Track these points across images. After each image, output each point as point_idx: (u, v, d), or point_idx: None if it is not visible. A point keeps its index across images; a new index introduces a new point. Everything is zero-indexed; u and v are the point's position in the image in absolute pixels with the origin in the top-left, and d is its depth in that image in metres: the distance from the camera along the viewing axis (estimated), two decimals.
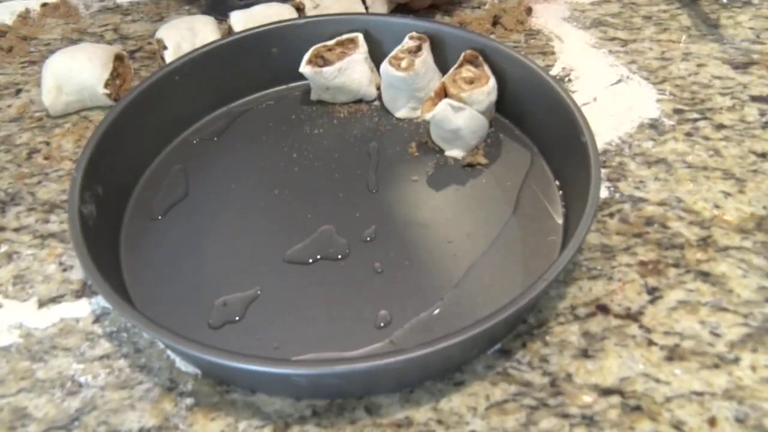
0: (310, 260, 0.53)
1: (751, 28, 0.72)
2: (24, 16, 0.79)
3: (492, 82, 0.59)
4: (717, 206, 0.55)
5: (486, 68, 0.60)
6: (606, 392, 0.45)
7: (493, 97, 0.59)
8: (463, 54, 0.61)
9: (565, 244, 0.51)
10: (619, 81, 0.67)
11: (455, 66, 0.61)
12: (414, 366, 0.43)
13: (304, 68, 0.62)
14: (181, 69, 0.62)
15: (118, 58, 0.69)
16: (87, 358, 0.49)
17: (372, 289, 0.51)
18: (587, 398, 0.44)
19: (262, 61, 0.66)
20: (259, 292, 0.51)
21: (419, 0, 0.74)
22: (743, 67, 0.67)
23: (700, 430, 0.43)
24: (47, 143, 0.65)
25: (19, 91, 0.71)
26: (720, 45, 0.70)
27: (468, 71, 0.60)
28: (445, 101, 0.57)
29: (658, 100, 0.64)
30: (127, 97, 0.59)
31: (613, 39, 0.72)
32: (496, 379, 0.46)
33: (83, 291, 0.53)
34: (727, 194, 0.56)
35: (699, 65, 0.68)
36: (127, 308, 0.44)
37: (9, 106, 0.69)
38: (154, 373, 0.48)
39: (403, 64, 0.60)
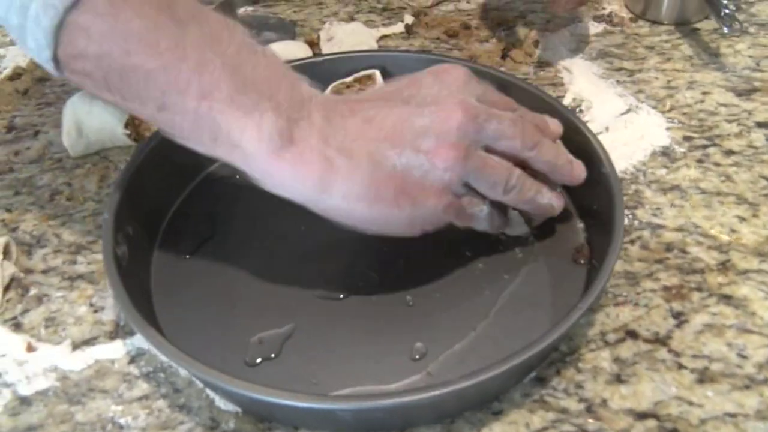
0: (341, 296, 0.54)
1: (750, 56, 0.74)
2: None
3: None
4: (733, 230, 0.57)
5: None
6: (642, 416, 0.46)
7: None
8: None
9: (591, 273, 0.53)
10: (629, 110, 0.69)
11: None
12: (456, 397, 0.44)
13: None
14: None
15: None
16: (125, 399, 0.49)
17: (405, 321, 0.52)
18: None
19: None
20: (293, 329, 0.52)
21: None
22: (746, 94, 0.70)
23: None
24: (69, 184, 0.65)
25: (37, 133, 0.71)
26: (722, 73, 0.72)
27: None
28: None
29: (668, 128, 0.66)
30: (153, 137, 0.59)
31: (619, 69, 0.74)
32: (533, 406, 0.47)
33: (116, 332, 0.53)
34: (742, 219, 0.58)
35: (704, 93, 0.70)
36: (172, 349, 0.45)
37: (28, 148, 0.70)
38: (194, 413, 0.48)
39: None
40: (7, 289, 0.56)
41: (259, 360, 0.50)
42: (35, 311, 0.55)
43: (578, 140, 0.57)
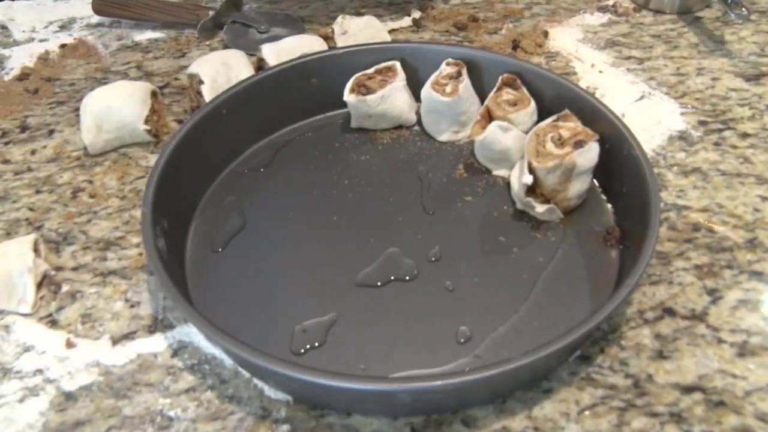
0: (379, 283, 0.54)
1: (755, 43, 0.76)
2: (44, 58, 0.79)
3: (533, 102, 0.62)
4: (757, 209, 0.59)
5: (524, 90, 0.63)
6: (688, 390, 0.47)
7: (535, 117, 0.62)
8: (500, 78, 0.63)
9: (625, 252, 0.54)
10: (642, 97, 0.70)
11: (494, 90, 0.63)
12: (510, 376, 0.45)
13: (348, 97, 0.64)
14: (228, 102, 0.63)
15: (153, 95, 0.69)
16: (172, 392, 0.49)
17: (447, 306, 0.52)
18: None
19: (302, 92, 0.67)
20: (336, 317, 0.52)
21: None
22: (755, 78, 0.72)
23: None
24: (90, 182, 0.65)
25: (51, 132, 0.70)
26: (729, 59, 0.74)
27: (508, 94, 0.63)
28: (495, 123, 0.59)
29: (683, 114, 0.68)
30: (181, 130, 0.59)
31: (628, 58, 0.75)
32: (582, 384, 0.48)
33: (155, 326, 0.53)
34: (764, 198, 0.59)
35: (713, 79, 0.72)
36: (229, 338, 0.45)
37: (44, 147, 0.69)
38: (244, 403, 0.48)
39: (448, 89, 0.63)
40: (39, 286, 0.55)
41: (304, 349, 0.50)
42: (70, 308, 0.54)
43: (605, 125, 0.58)
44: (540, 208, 0.56)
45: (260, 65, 0.72)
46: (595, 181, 0.60)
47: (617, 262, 0.55)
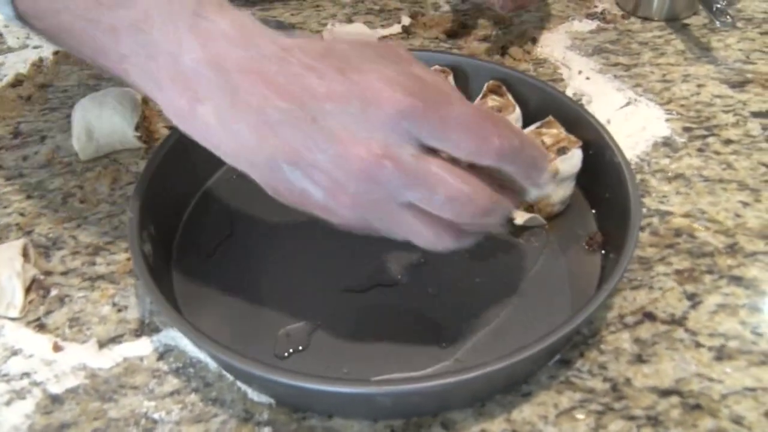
0: (363, 289, 0.55)
1: (740, 50, 0.77)
2: (38, 65, 0.80)
3: (518, 109, 0.63)
4: (738, 215, 0.59)
5: (509, 97, 0.64)
6: (665, 393, 0.48)
7: (520, 123, 0.63)
8: (486, 84, 0.64)
9: (607, 257, 0.55)
10: (628, 103, 0.71)
11: (480, 96, 0.64)
12: (489, 379, 0.45)
13: None
14: None
15: (144, 101, 0.70)
16: (157, 395, 0.50)
17: (429, 311, 0.53)
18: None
19: None
20: (319, 322, 0.53)
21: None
22: (740, 85, 0.72)
23: (759, 423, 0.46)
24: (81, 187, 0.66)
25: (43, 138, 0.71)
26: (715, 66, 0.75)
27: (493, 101, 0.63)
28: None
29: (667, 120, 0.69)
30: (170, 136, 0.60)
31: (615, 64, 0.76)
32: (560, 387, 0.48)
33: (142, 330, 0.54)
34: (745, 204, 0.60)
35: (699, 85, 0.73)
36: (212, 342, 0.46)
37: (36, 153, 0.70)
38: (227, 406, 0.49)
39: None
40: (28, 291, 0.56)
41: (287, 353, 0.51)
42: (59, 312, 0.55)
43: (588, 131, 0.59)
44: (520, 219, 0.57)
45: None
46: (578, 187, 0.61)
47: (599, 268, 0.55)
